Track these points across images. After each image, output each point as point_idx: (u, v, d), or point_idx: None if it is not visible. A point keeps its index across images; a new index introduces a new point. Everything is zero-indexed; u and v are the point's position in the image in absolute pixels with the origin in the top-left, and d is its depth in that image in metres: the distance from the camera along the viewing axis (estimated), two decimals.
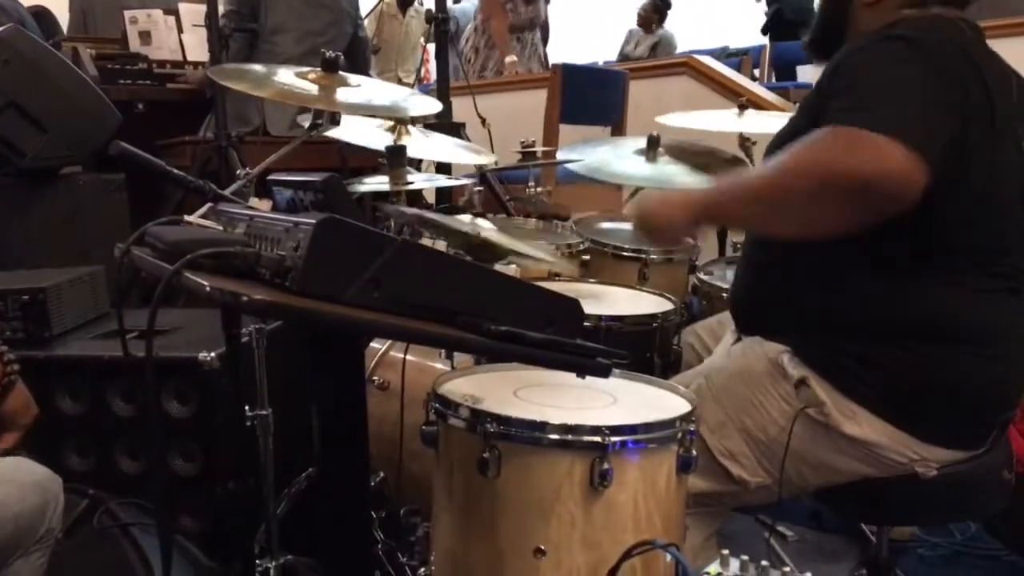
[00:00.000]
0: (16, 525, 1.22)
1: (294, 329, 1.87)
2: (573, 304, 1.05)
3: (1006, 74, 1.43)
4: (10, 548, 1.23)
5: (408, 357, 1.86)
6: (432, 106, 2.00)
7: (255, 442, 1.62)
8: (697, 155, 2.44)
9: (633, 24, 7.34)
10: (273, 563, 1.62)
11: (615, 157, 2.46)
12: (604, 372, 1.04)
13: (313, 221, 0.87)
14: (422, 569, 1.46)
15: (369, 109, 1.91)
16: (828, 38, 1.55)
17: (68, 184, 2.53)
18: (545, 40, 5.89)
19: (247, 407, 1.61)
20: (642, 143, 2.42)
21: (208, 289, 0.81)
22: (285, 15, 3.15)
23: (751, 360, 1.48)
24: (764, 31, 6.87)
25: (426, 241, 1.66)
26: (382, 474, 1.84)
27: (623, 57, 7.00)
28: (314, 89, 1.78)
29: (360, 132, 2.07)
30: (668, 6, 7.16)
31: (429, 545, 1.46)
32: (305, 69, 1.86)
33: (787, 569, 1.02)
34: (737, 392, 1.47)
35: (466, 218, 1.70)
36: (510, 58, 4.98)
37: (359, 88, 1.83)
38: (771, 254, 1.50)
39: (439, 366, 1.82)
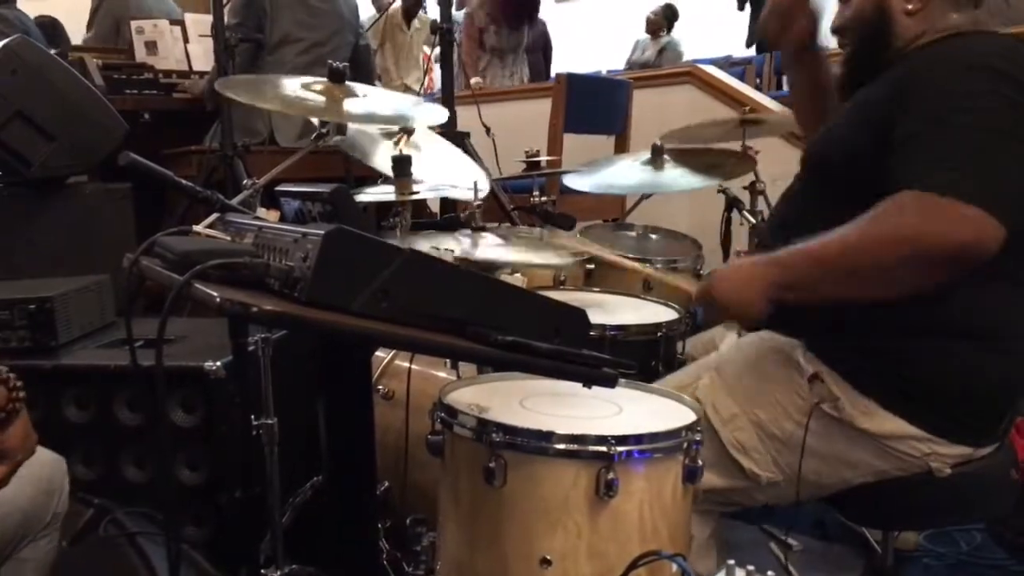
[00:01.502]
0: (24, 515, 1.24)
1: (300, 338, 1.88)
2: (579, 314, 1.05)
3: None
4: (18, 537, 1.24)
5: (413, 366, 1.87)
6: (438, 115, 2.01)
7: (261, 451, 1.63)
8: (703, 155, 2.46)
9: (635, 34, 7.44)
10: (279, 572, 1.62)
11: (619, 172, 2.48)
12: (611, 382, 1.04)
13: (322, 232, 0.88)
14: None
15: (375, 119, 1.92)
16: (872, 55, 1.48)
17: (74, 193, 2.54)
18: (548, 58, 5.94)
19: (253, 416, 1.62)
20: (645, 156, 2.44)
21: (218, 300, 0.82)
22: (290, 26, 3.17)
23: (764, 353, 1.48)
24: (748, 44, 6.96)
25: (433, 252, 1.67)
26: (387, 483, 1.84)
27: (630, 66, 7.05)
28: (320, 100, 1.79)
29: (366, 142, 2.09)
30: (676, 16, 7.29)
31: (435, 554, 1.46)
32: (310, 80, 1.87)
33: None
34: (749, 385, 1.47)
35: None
36: (475, 80, 5.02)
37: (365, 98, 1.84)
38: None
39: (444, 375, 1.83)
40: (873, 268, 1.25)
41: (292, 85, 1.85)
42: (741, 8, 7.34)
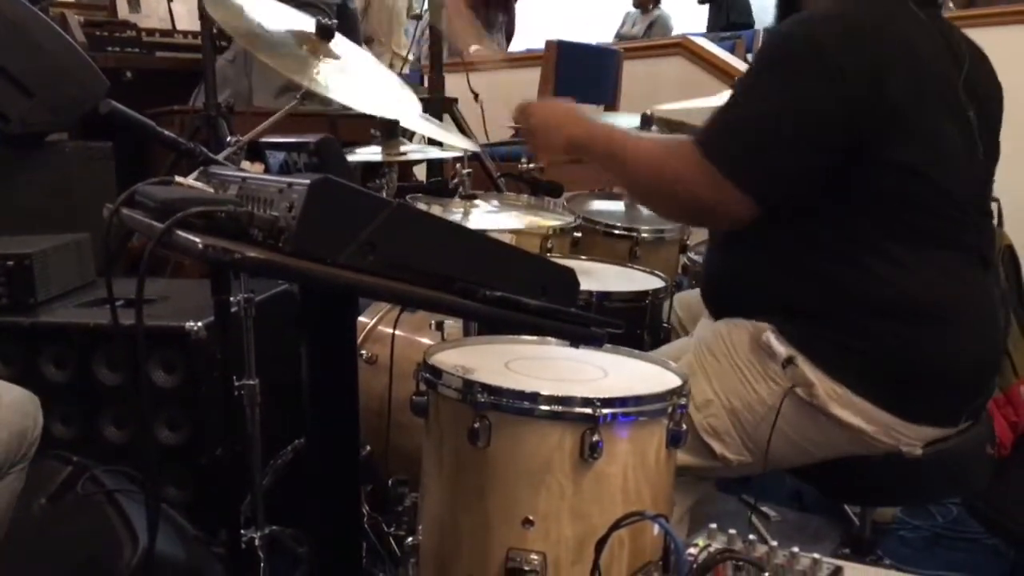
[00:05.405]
0: (4, 450, 1.22)
1: (283, 299, 1.86)
2: (568, 273, 1.04)
3: (951, 48, 1.44)
4: None
5: (397, 332, 1.85)
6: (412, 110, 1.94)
7: (242, 412, 1.62)
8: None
9: (628, 7, 7.37)
10: (259, 533, 1.62)
11: None
12: (598, 341, 1.03)
13: (307, 181, 0.85)
14: (409, 539, 1.45)
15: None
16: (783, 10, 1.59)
17: (54, 151, 2.50)
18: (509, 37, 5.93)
19: (235, 377, 1.60)
20: (636, 121, 2.42)
21: (200, 246, 0.80)
22: None
23: (736, 339, 1.47)
24: (709, 29, 6.98)
25: (422, 205, 1.65)
26: (368, 447, 1.84)
27: (619, 39, 7.01)
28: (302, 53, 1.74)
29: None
30: None
31: (417, 515, 1.46)
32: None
33: (774, 543, 1.03)
34: (725, 371, 1.46)
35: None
36: (475, 47, 4.95)
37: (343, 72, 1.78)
38: (741, 237, 1.49)
39: (428, 341, 1.81)
40: (643, 185, 1.49)
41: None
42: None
